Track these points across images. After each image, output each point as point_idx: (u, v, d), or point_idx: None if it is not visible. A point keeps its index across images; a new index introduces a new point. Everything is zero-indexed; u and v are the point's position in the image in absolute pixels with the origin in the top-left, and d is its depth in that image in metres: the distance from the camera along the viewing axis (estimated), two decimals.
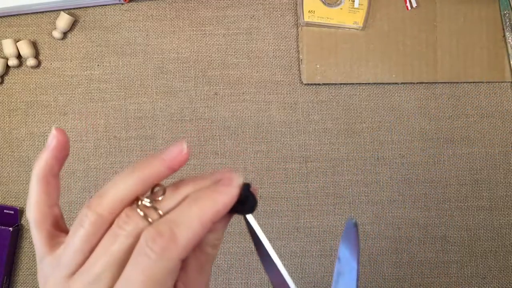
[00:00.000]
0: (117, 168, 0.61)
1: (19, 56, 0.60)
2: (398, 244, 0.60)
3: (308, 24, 0.60)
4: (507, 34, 0.60)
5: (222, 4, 0.61)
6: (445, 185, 0.60)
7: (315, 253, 0.60)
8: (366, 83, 0.61)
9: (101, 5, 0.61)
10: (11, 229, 0.58)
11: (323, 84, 0.61)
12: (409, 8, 0.60)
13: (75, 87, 0.61)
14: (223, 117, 0.61)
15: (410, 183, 0.60)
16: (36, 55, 0.61)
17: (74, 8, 0.61)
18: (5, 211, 0.60)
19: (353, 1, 0.59)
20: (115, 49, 0.61)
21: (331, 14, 0.59)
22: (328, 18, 0.59)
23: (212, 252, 0.28)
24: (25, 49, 0.60)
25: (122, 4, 0.61)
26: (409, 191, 0.60)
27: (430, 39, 0.60)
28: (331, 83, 0.60)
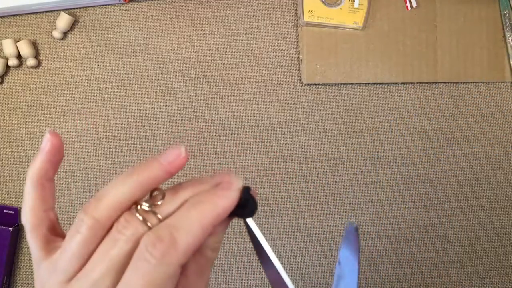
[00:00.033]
0: (117, 168, 0.61)
1: (19, 56, 0.60)
2: (398, 244, 0.60)
3: (308, 24, 0.60)
4: (507, 34, 0.60)
5: (222, 4, 0.61)
6: (445, 185, 0.60)
7: (315, 253, 0.60)
8: (366, 83, 0.61)
9: (101, 5, 0.61)
10: (11, 229, 0.58)
11: (323, 84, 0.61)
12: (409, 8, 0.60)
13: (75, 87, 0.61)
14: (223, 117, 0.61)
15: (410, 183, 0.60)
16: (36, 55, 0.61)
17: (74, 8, 0.61)
18: (5, 211, 0.60)
19: (353, 1, 0.59)
20: (115, 49, 0.61)
21: (331, 14, 0.59)
22: (328, 18, 0.59)
23: (212, 255, 0.28)
24: (25, 49, 0.60)
25: (122, 4, 0.61)
26: (409, 191, 0.60)
27: (430, 39, 0.60)
28: (331, 83, 0.60)
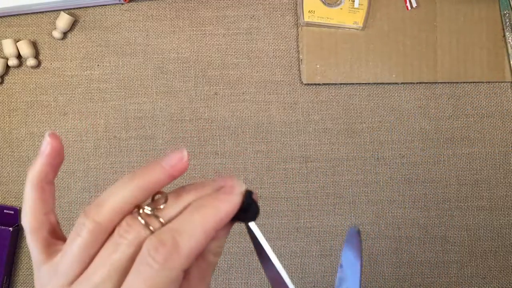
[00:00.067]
0: (117, 168, 0.61)
1: (19, 56, 0.60)
2: (398, 244, 0.60)
3: (308, 24, 0.60)
4: (507, 34, 0.60)
5: (222, 4, 0.61)
6: (445, 185, 0.60)
7: (315, 253, 0.60)
8: (366, 83, 0.61)
9: (101, 5, 0.61)
10: (11, 229, 0.58)
11: (323, 84, 0.61)
12: (409, 8, 0.60)
13: (75, 87, 0.61)
14: (223, 117, 0.61)
15: (410, 183, 0.60)
16: (36, 55, 0.61)
17: (74, 8, 0.61)
18: (5, 211, 0.60)
19: (353, 1, 0.59)
20: (115, 49, 0.61)
21: (331, 14, 0.59)
22: (328, 18, 0.59)
23: (214, 259, 0.28)
24: (25, 49, 0.60)
25: (122, 4, 0.61)
26: (409, 191, 0.60)
27: (430, 39, 0.60)
28: (331, 83, 0.60)
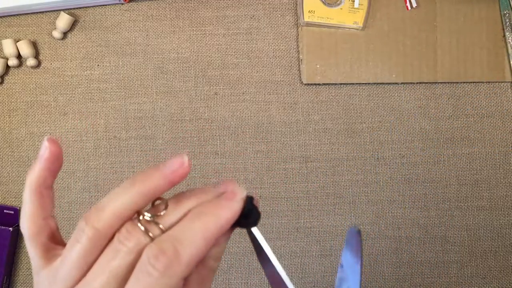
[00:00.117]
0: (117, 168, 0.61)
1: (19, 56, 0.60)
2: (398, 244, 0.60)
3: (308, 24, 0.60)
4: (507, 34, 0.60)
5: (222, 4, 0.61)
6: (445, 185, 0.60)
7: (315, 253, 0.60)
8: (366, 83, 0.61)
9: (101, 5, 0.61)
10: (11, 229, 0.58)
11: (323, 84, 0.61)
12: (409, 8, 0.60)
13: (75, 87, 0.61)
14: (223, 117, 0.61)
15: (410, 183, 0.60)
16: (36, 55, 0.61)
17: (74, 8, 0.61)
18: (5, 211, 0.60)
19: (353, 1, 0.59)
20: (115, 49, 0.61)
21: (331, 14, 0.59)
22: (328, 18, 0.59)
23: (214, 265, 0.28)
24: (25, 49, 0.60)
25: (122, 4, 0.61)
26: (409, 191, 0.60)
27: (430, 39, 0.60)
28: (331, 83, 0.60)
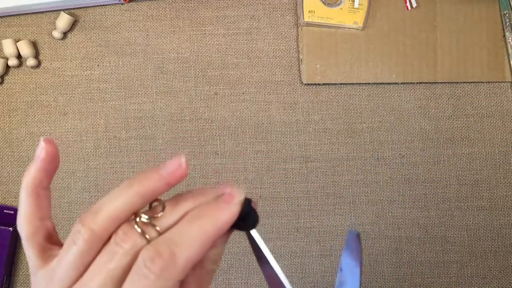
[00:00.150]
0: (117, 168, 0.61)
1: (19, 56, 0.60)
2: (398, 244, 0.60)
3: (308, 24, 0.60)
4: (507, 34, 0.60)
5: (222, 4, 0.61)
6: (445, 185, 0.60)
7: (315, 253, 0.60)
8: (366, 83, 0.61)
9: (101, 5, 0.61)
10: (11, 229, 0.58)
11: (323, 84, 0.61)
12: (409, 8, 0.60)
13: (75, 87, 0.61)
14: (223, 117, 0.61)
15: (410, 183, 0.60)
16: (36, 55, 0.61)
17: (74, 8, 0.61)
18: (5, 211, 0.60)
19: (353, 1, 0.59)
20: (115, 49, 0.61)
21: (331, 14, 0.59)
22: (328, 18, 0.59)
23: (212, 267, 0.28)
24: (25, 49, 0.60)
25: (122, 4, 0.61)
26: (409, 191, 0.60)
27: (430, 39, 0.60)
28: (331, 83, 0.60)
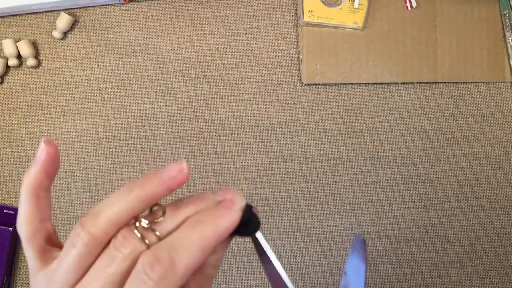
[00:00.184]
0: (117, 168, 0.61)
1: (19, 56, 0.60)
2: (398, 244, 0.60)
3: (308, 24, 0.60)
4: (507, 34, 0.60)
5: (222, 4, 0.61)
6: (445, 185, 0.60)
7: (315, 253, 0.60)
8: (366, 83, 0.61)
9: (101, 5, 0.61)
10: (11, 229, 0.58)
11: (323, 84, 0.61)
12: (409, 8, 0.60)
13: (75, 87, 0.61)
14: (223, 117, 0.61)
15: (410, 183, 0.60)
16: (36, 55, 0.61)
17: (74, 8, 0.61)
18: (5, 211, 0.60)
19: (353, 1, 0.59)
20: (115, 49, 0.61)
21: (331, 14, 0.59)
22: (328, 18, 0.59)
23: (212, 272, 0.28)
24: (25, 49, 0.60)
25: (122, 4, 0.61)
26: (409, 191, 0.60)
27: (430, 39, 0.60)
28: (331, 83, 0.60)
